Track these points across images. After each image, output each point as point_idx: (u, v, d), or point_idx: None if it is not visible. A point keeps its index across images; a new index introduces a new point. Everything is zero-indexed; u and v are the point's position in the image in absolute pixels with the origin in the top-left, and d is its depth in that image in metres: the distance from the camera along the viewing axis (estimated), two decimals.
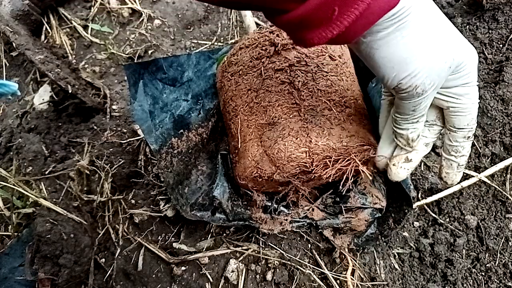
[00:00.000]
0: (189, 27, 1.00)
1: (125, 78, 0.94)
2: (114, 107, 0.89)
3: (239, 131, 0.61)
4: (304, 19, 0.33)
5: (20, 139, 0.86)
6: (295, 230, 0.67)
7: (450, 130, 0.46)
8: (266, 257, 0.66)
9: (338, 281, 0.65)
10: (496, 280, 0.69)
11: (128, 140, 0.82)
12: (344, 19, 0.33)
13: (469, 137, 0.46)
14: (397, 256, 0.72)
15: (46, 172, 0.82)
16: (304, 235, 0.69)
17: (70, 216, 0.71)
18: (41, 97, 0.93)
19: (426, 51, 0.38)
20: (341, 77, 0.60)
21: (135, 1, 1.01)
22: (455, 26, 0.90)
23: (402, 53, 0.37)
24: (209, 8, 1.01)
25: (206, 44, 0.97)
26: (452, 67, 0.40)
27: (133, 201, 0.74)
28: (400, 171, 0.50)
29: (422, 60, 0.38)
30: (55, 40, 0.99)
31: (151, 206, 0.73)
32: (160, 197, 0.72)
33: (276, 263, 0.66)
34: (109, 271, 0.69)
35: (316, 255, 0.67)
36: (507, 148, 0.74)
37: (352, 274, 0.65)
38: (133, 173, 0.78)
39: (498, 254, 0.70)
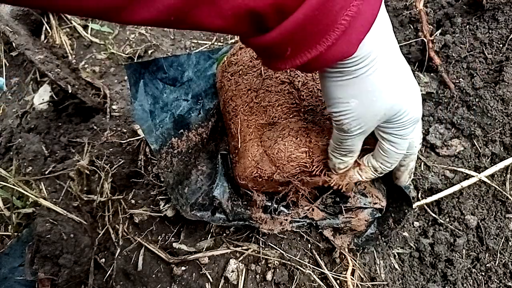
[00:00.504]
0: None
1: (125, 78, 0.94)
2: (114, 107, 0.89)
3: (239, 131, 0.61)
4: (267, 49, 0.35)
5: (20, 139, 0.86)
6: (295, 230, 0.67)
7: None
8: (266, 257, 0.66)
9: (338, 281, 0.65)
10: (496, 280, 0.69)
11: (128, 140, 0.82)
12: (296, 59, 0.35)
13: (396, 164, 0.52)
14: (397, 256, 0.72)
15: (46, 172, 0.82)
16: (304, 235, 0.69)
17: (70, 216, 0.71)
18: (41, 97, 0.93)
19: (360, 99, 0.40)
20: None
21: None
22: (455, 26, 0.90)
23: (338, 93, 0.40)
24: None
25: (206, 44, 0.97)
26: (383, 119, 0.43)
27: (133, 201, 0.74)
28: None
29: (353, 105, 0.41)
30: (55, 40, 0.99)
31: (151, 206, 0.73)
32: (160, 197, 0.72)
33: (276, 263, 0.66)
34: (109, 271, 0.69)
35: (316, 255, 0.67)
36: (507, 148, 0.74)
37: (352, 274, 0.65)
38: (133, 173, 0.78)
39: (498, 254, 0.70)
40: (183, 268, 0.66)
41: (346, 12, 0.31)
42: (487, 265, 0.70)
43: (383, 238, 0.68)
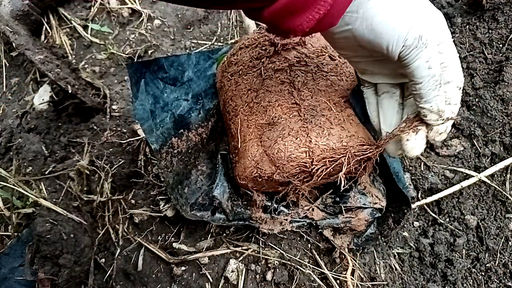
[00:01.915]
0: (189, 27, 1.00)
1: (125, 78, 0.94)
2: (114, 107, 0.89)
3: (239, 131, 0.61)
4: (290, 5, 0.35)
5: (20, 139, 0.86)
6: (295, 230, 0.67)
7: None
8: (266, 257, 0.66)
9: (338, 281, 0.65)
10: (496, 280, 0.69)
11: (128, 140, 0.82)
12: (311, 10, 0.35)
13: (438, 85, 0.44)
14: (397, 256, 0.72)
15: (46, 172, 0.82)
16: (304, 235, 0.69)
17: (70, 216, 0.71)
18: (41, 97, 0.93)
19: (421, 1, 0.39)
20: (341, 77, 0.60)
21: (135, 1, 1.01)
22: (455, 26, 0.90)
23: (399, 8, 0.38)
24: None
25: (206, 44, 0.97)
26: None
27: (133, 201, 0.74)
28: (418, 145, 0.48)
29: (420, 10, 0.39)
30: (55, 40, 0.99)
31: (151, 206, 0.73)
32: (160, 197, 0.72)
33: (276, 263, 0.66)
34: (109, 271, 0.69)
35: (316, 255, 0.67)
36: (507, 148, 0.74)
37: (352, 274, 0.65)
38: (133, 173, 0.78)
39: (498, 254, 0.70)
40: (183, 268, 0.66)
41: None
42: (487, 265, 0.70)
43: (383, 238, 0.68)
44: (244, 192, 0.65)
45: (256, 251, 0.67)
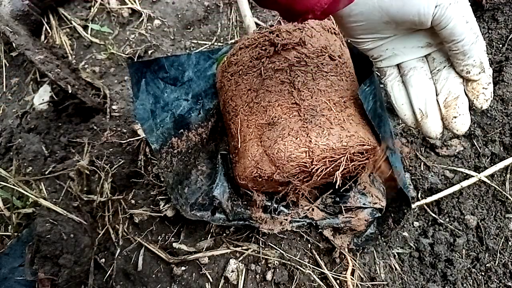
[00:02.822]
0: (189, 27, 1.00)
1: (125, 78, 0.94)
2: (114, 107, 0.89)
3: (239, 131, 0.61)
4: None
5: (20, 139, 0.86)
6: (295, 230, 0.67)
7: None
8: (266, 257, 0.66)
9: (338, 281, 0.65)
10: (495, 280, 0.69)
11: (128, 140, 0.82)
12: None
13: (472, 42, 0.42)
14: (397, 256, 0.72)
15: (46, 172, 0.82)
16: (304, 235, 0.69)
17: (70, 216, 0.71)
18: (41, 97, 0.93)
19: None
20: (341, 77, 0.60)
21: (135, 1, 1.01)
22: None
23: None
24: (209, 8, 1.01)
25: (206, 44, 0.97)
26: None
27: (133, 201, 0.74)
28: (482, 100, 0.46)
29: None
30: (55, 40, 0.99)
31: (151, 206, 0.73)
32: (160, 197, 0.72)
33: (276, 263, 0.66)
34: (109, 271, 0.69)
35: (316, 255, 0.67)
36: (506, 148, 0.74)
37: (352, 274, 0.65)
38: (133, 173, 0.78)
39: (498, 254, 0.70)
40: (183, 268, 0.66)
41: None
42: (487, 265, 0.70)
43: (383, 238, 0.68)
44: (244, 192, 0.65)
45: (256, 251, 0.67)
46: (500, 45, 0.79)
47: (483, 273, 0.70)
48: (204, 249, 0.67)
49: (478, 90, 0.45)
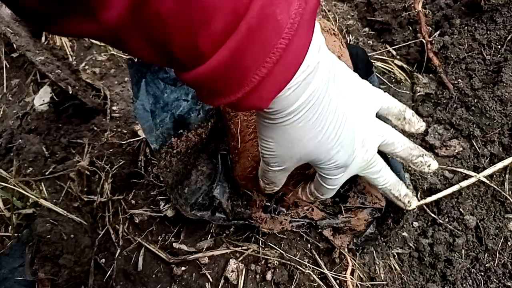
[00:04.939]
0: None
1: (125, 79, 0.95)
2: (114, 108, 0.90)
3: (238, 131, 0.61)
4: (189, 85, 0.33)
5: (20, 140, 0.86)
6: (295, 230, 0.67)
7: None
8: (266, 257, 0.66)
9: (337, 281, 0.65)
10: (495, 280, 0.69)
11: (128, 140, 0.82)
12: (213, 101, 0.33)
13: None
14: (396, 256, 0.72)
15: (47, 173, 0.82)
16: (304, 235, 0.69)
17: (70, 217, 0.71)
18: (42, 98, 0.93)
19: (278, 142, 0.42)
20: None
21: None
22: (454, 27, 0.90)
23: (262, 130, 0.42)
24: None
25: None
26: (302, 161, 0.46)
27: (133, 202, 0.74)
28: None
29: (272, 145, 0.43)
30: (56, 41, 0.99)
31: (151, 206, 0.73)
32: (160, 197, 0.72)
33: (276, 263, 0.66)
34: (109, 272, 0.69)
35: (316, 255, 0.68)
36: (505, 149, 0.74)
37: (352, 274, 0.66)
38: (133, 173, 0.78)
39: (497, 254, 0.70)
40: (183, 268, 0.66)
41: (255, 71, 0.30)
42: (486, 265, 0.70)
43: (382, 238, 0.68)
44: (244, 192, 0.65)
45: (256, 251, 0.67)
46: (499, 46, 0.80)
47: (482, 273, 0.70)
48: (204, 249, 0.67)
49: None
